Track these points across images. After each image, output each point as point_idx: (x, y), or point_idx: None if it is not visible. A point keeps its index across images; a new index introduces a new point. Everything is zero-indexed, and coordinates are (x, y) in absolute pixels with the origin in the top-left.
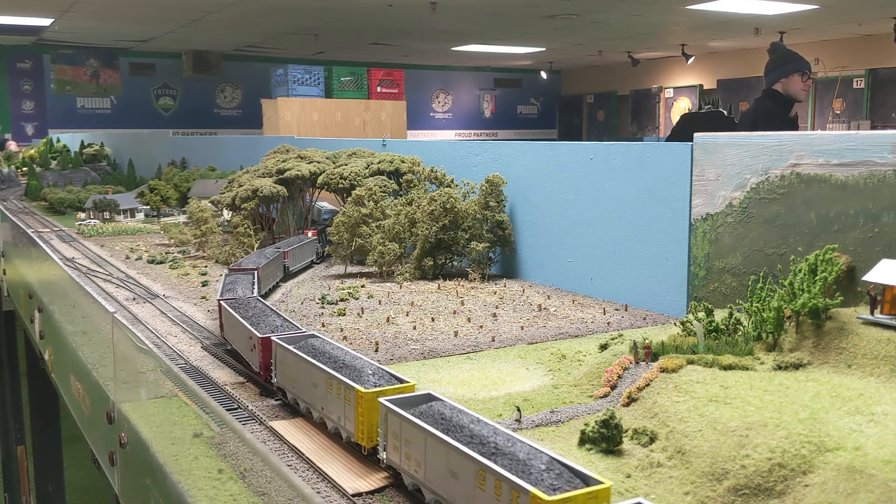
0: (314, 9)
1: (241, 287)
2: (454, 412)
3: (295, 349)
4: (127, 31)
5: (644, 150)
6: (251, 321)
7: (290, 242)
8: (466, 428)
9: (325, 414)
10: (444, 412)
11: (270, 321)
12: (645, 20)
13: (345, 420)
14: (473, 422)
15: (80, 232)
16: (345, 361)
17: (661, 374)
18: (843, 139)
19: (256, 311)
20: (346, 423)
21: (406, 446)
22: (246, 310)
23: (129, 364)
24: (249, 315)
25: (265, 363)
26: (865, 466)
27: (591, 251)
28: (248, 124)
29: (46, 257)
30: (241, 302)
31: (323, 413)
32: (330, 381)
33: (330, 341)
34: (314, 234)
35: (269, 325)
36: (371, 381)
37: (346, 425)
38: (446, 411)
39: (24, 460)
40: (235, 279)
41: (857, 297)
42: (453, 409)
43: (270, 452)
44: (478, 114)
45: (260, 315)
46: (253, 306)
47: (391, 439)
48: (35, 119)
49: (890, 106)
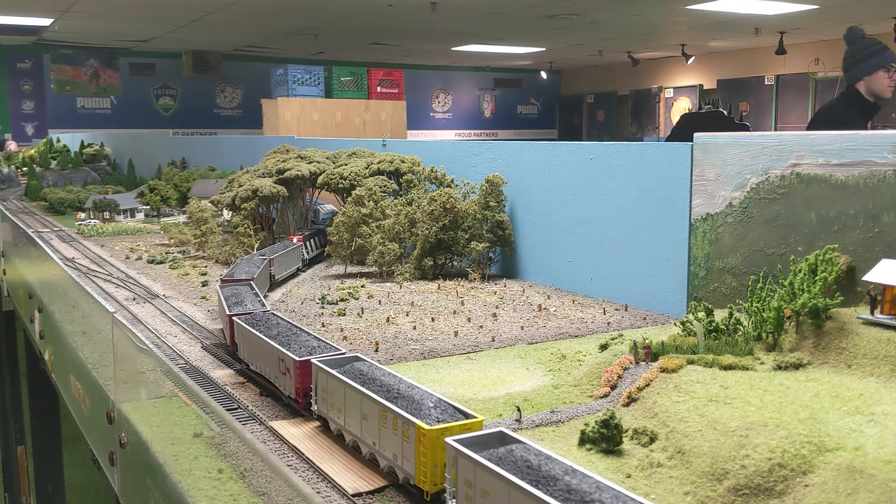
0: (314, 9)
1: (248, 300)
2: (541, 459)
3: (340, 374)
4: (127, 31)
5: (644, 150)
6: (280, 341)
7: (274, 249)
8: (561, 480)
9: (376, 450)
10: (528, 459)
11: (303, 341)
12: (645, 20)
13: (402, 459)
14: (568, 472)
15: (80, 232)
16: (399, 391)
17: (661, 374)
18: (843, 139)
19: (282, 330)
20: (404, 462)
21: (483, 498)
22: (267, 327)
23: (129, 364)
24: (275, 334)
25: (303, 388)
26: (865, 466)
27: (591, 251)
28: (248, 124)
29: (46, 257)
30: (259, 319)
31: (374, 449)
32: (384, 414)
33: (378, 366)
34: (300, 239)
35: (303, 346)
36: (433, 416)
37: (404, 465)
38: (531, 458)
39: (24, 460)
40: (237, 291)
41: (857, 297)
42: (539, 454)
43: (270, 452)
44: (478, 114)
45: (288, 334)
46: (275, 323)
47: (462, 487)
48: (35, 119)
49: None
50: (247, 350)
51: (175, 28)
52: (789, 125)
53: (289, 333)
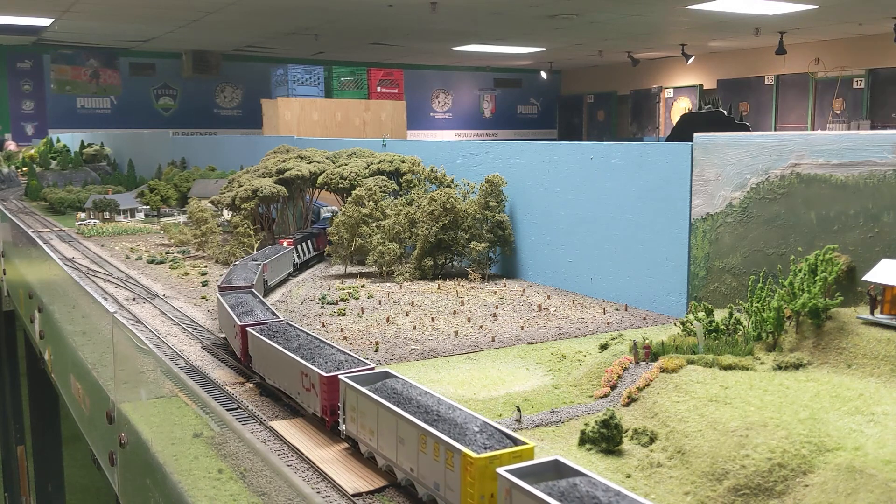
0: (314, 9)
1: (258, 309)
2: (611, 496)
3: (372, 393)
4: (127, 31)
5: (644, 150)
6: (303, 355)
7: (266, 254)
8: None
9: (414, 477)
10: (597, 496)
11: (327, 354)
12: (645, 20)
13: (445, 489)
14: None
15: (80, 232)
16: (440, 412)
17: (661, 374)
18: (843, 139)
19: (303, 342)
20: (447, 492)
21: None
22: (287, 339)
23: (129, 364)
24: (295, 346)
25: (330, 406)
26: (865, 466)
27: (591, 251)
28: (248, 124)
29: (46, 257)
30: (276, 329)
31: (411, 475)
32: (424, 439)
33: (412, 384)
34: (290, 243)
35: (329, 360)
36: (479, 442)
37: (447, 495)
38: (600, 494)
39: (24, 460)
40: (242, 300)
41: (857, 297)
42: (608, 490)
43: (270, 452)
44: (478, 114)
45: (310, 346)
46: (294, 335)
47: None
48: (35, 119)
49: (890, 106)
50: (263, 363)
51: (175, 28)
52: (789, 125)
53: (311, 346)
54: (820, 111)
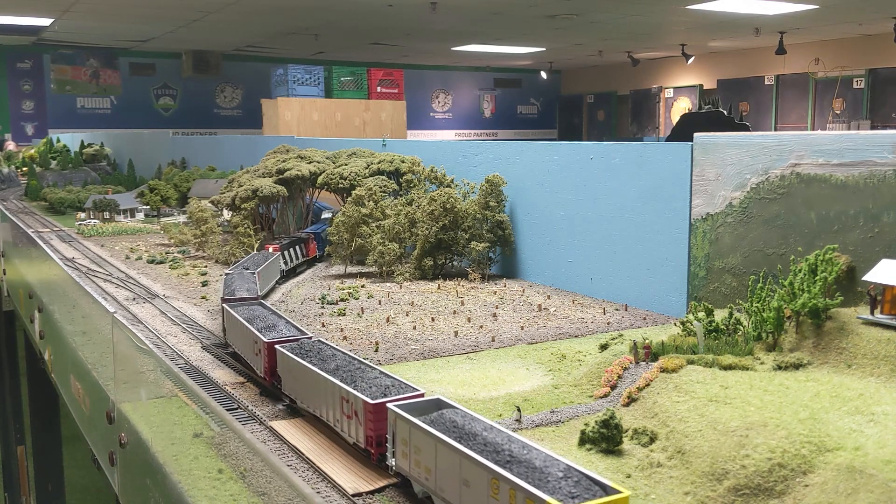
0: (314, 9)
1: (282, 325)
2: None
3: (429, 426)
4: (127, 31)
5: (644, 150)
6: (343, 377)
7: (256, 261)
8: None
9: None
10: None
11: (370, 377)
12: (645, 20)
13: None
14: None
15: (80, 232)
16: (512, 452)
17: (661, 374)
18: (843, 139)
19: (341, 363)
20: None
21: None
22: (322, 359)
23: (129, 364)
24: (332, 368)
25: (376, 437)
26: (865, 466)
27: (591, 251)
28: (248, 124)
29: (46, 257)
30: (307, 348)
31: None
32: (496, 484)
33: (473, 415)
34: (276, 248)
35: (373, 384)
36: (564, 490)
37: None
38: None
39: (24, 460)
40: (257, 313)
41: (857, 297)
42: None
43: (270, 452)
44: (478, 114)
45: (349, 368)
46: (330, 354)
47: None
48: (35, 119)
49: (890, 106)
50: (294, 385)
51: (175, 28)
52: (789, 125)
53: (350, 367)
54: (820, 111)
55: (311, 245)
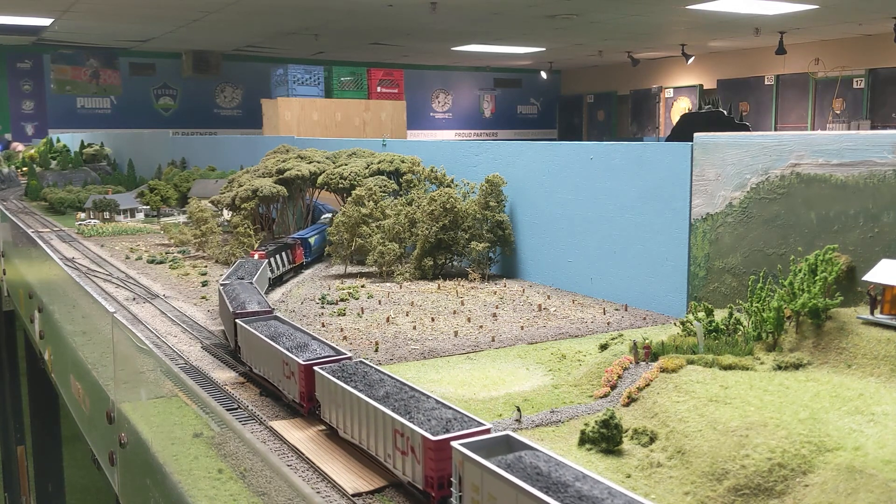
0: (314, 9)
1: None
2: None
3: (508, 473)
4: (127, 31)
5: (644, 150)
6: (395, 407)
7: (248, 270)
8: None
9: None
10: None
11: (426, 407)
12: (645, 20)
13: None
14: None
15: (80, 232)
16: None
17: (661, 374)
18: (843, 139)
19: (391, 389)
20: None
21: None
22: (368, 384)
23: (129, 364)
24: (381, 395)
25: (437, 478)
26: (865, 466)
27: (591, 251)
28: (248, 124)
29: (46, 257)
30: (351, 371)
31: None
32: None
33: (558, 458)
34: (262, 255)
35: (432, 417)
36: None
37: None
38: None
39: (24, 460)
40: (278, 329)
41: (857, 297)
42: None
43: (270, 452)
44: (478, 114)
45: (401, 395)
46: (377, 379)
47: None
48: (35, 119)
49: (890, 106)
50: (337, 412)
51: (175, 28)
52: (789, 125)
53: (401, 395)
54: (820, 111)
55: (297, 251)
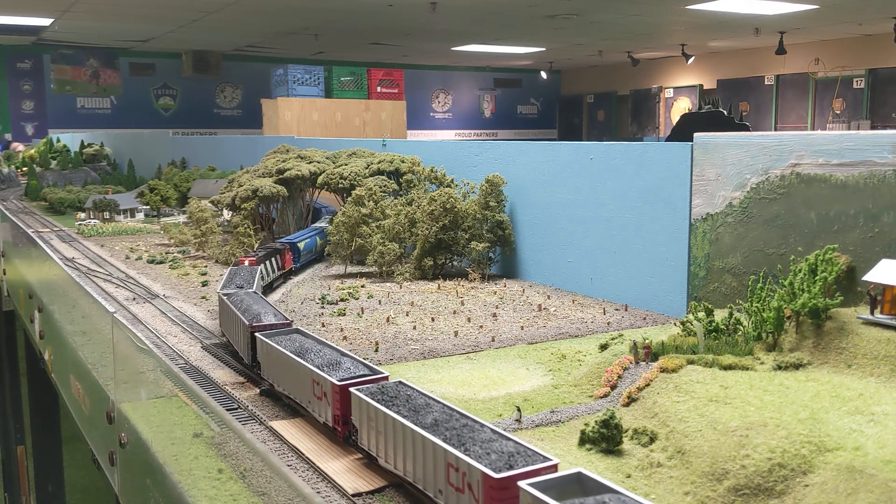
0: (314, 9)
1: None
2: None
3: None
4: (127, 31)
5: (644, 150)
6: (449, 437)
7: (245, 277)
8: None
9: None
10: None
11: (484, 440)
12: (645, 20)
13: None
14: None
15: (80, 232)
16: None
17: (661, 374)
18: (843, 139)
19: (440, 416)
20: None
21: None
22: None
23: (129, 364)
24: (429, 423)
25: None
26: (865, 466)
27: (591, 251)
28: (248, 124)
29: (46, 257)
30: (392, 394)
31: None
32: None
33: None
34: (252, 262)
35: (491, 450)
36: None
37: None
38: None
39: (24, 460)
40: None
41: (857, 297)
42: None
43: (270, 452)
44: (478, 114)
45: (451, 422)
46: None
47: None
48: (35, 119)
49: (890, 106)
50: (379, 440)
51: (175, 28)
52: (789, 125)
53: (452, 422)
54: (820, 111)
55: (286, 256)
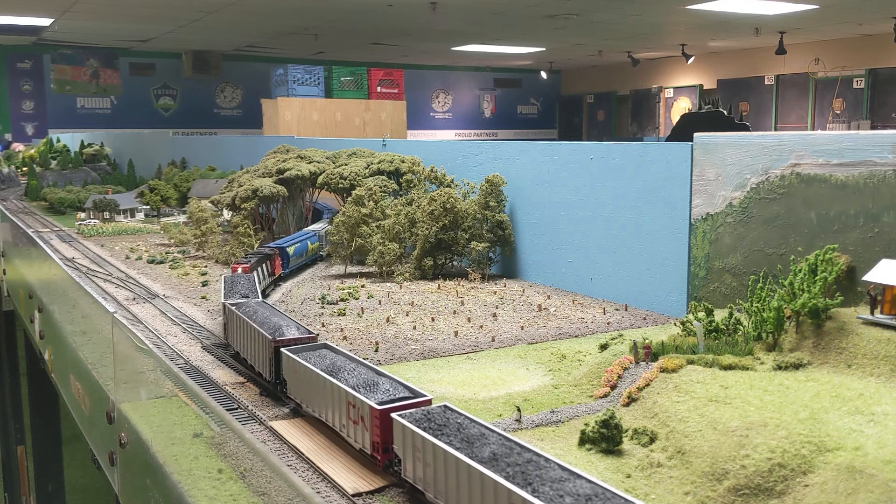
0: (314, 9)
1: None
2: None
3: None
4: (127, 31)
5: (644, 150)
6: (511, 475)
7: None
8: None
9: None
10: None
11: (552, 477)
12: (645, 20)
13: None
14: None
15: (80, 232)
16: None
17: (661, 374)
18: (843, 139)
19: (497, 448)
20: None
21: None
22: (466, 440)
23: (129, 364)
24: (487, 456)
25: None
26: (865, 466)
27: (591, 251)
28: (248, 124)
29: (46, 257)
30: (440, 421)
31: None
32: None
33: None
34: (245, 269)
35: (562, 490)
36: None
37: None
38: None
39: (24, 460)
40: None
41: (857, 297)
42: None
43: (270, 452)
44: (478, 114)
45: (519, 461)
46: (478, 435)
47: None
48: (35, 119)
49: (890, 106)
50: (429, 473)
51: (175, 28)
52: (789, 125)
53: (513, 457)
54: (820, 111)
55: (276, 262)
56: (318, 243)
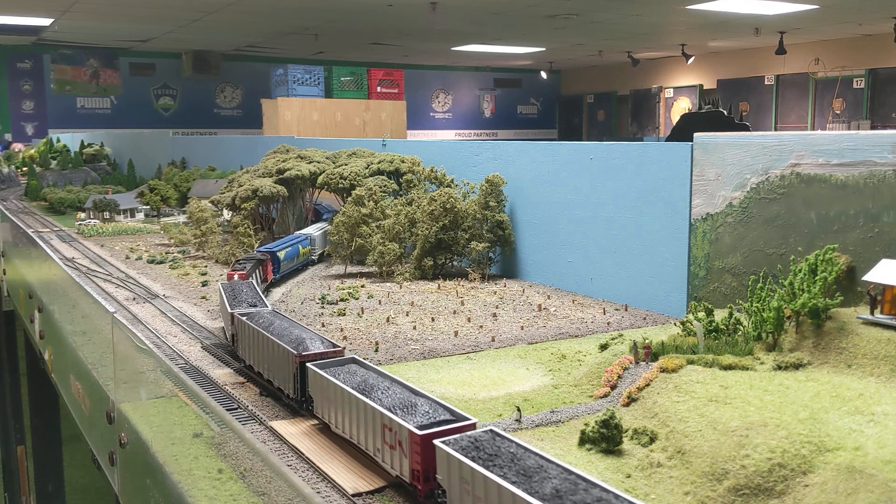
0: (314, 9)
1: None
2: None
3: None
4: (127, 31)
5: (644, 150)
6: None
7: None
8: None
9: None
10: None
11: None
12: (645, 20)
13: None
14: None
15: (80, 232)
16: None
17: (661, 374)
18: (843, 139)
19: (559, 483)
20: None
21: None
22: (523, 473)
23: (129, 364)
24: (547, 492)
25: None
26: (865, 466)
27: (591, 251)
28: (248, 124)
29: (46, 257)
30: (488, 449)
31: None
32: None
33: None
34: (242, 276)
35: None
36: None
37: None
38: None
39: (24, 460)
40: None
41: (857, 297)
42: None
43: (270, 452)
44: (478, 114)
45: (585, 499)
46: (533, 465)
47: None
48: (35, 119)
49: (890, 106)
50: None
51: (175, 28)
52: (789, 125)
53: (577, 491)
54: (820, 111)
55: (267, 267)
56: (310, 247)
